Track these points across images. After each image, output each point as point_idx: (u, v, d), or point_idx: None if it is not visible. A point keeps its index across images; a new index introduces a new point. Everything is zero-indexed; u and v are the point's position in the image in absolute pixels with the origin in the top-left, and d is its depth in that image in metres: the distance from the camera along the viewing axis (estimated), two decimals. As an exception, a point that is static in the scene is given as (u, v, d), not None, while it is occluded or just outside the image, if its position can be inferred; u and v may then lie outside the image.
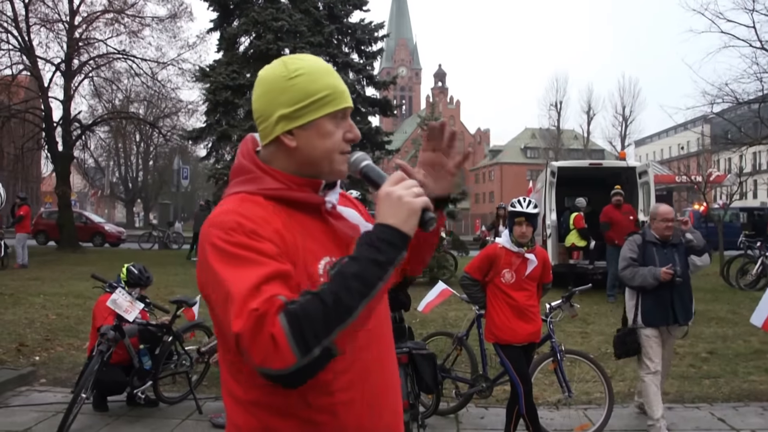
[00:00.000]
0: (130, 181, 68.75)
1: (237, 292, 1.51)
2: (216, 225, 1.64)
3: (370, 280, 1.53)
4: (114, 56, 29.36)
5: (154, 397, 6.64)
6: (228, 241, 1.60)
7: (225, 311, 1.53)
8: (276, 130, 1.77)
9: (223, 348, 1.77)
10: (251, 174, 1.78)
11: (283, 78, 1.77)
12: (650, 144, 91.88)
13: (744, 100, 21.11)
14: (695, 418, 6.58)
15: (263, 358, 1.46)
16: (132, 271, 6.79)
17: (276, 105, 1.76)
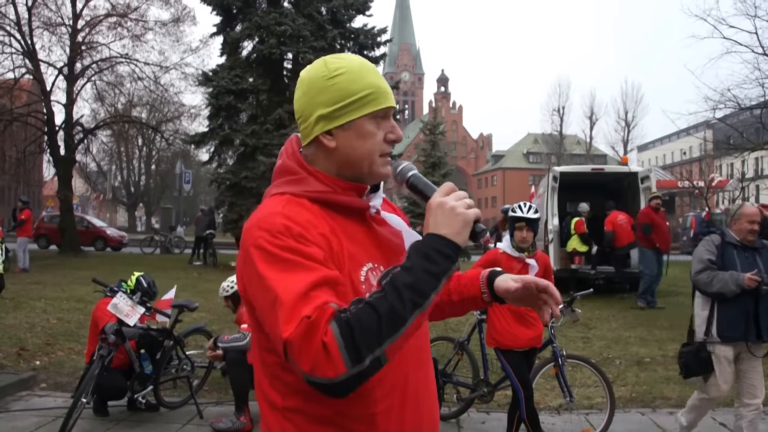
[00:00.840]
0: (132, 186, 68.83)
1: (287, 297, 1.49)
2: (262, 227, 1.62)
3: (425, 291, 1.51)
4: (117, 60, 29.39)
5: (155, 402, 6.63)
6: (275, 245, 1.58)
7: (273, 316, 1.51)
8: (315, 130, 1.76)
9: (263, 351, 1.73)
10: (296, 175, 1.76)
11: (323, 78, 1.75)
12: (653, 149, 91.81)
13: (746, 106, 21.12)
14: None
15: (313, 366, 1.44)
16: (141, 282, 6.76)
17: (315, 105, 1.75)
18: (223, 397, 7.20)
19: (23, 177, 33.85)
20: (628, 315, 12.97)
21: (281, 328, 1.46)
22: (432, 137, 32.22)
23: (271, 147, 21.67)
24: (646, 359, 9.18)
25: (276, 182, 1.79)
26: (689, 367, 5.52)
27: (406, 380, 1.74)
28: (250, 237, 1.62)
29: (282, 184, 1.76)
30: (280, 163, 1.81)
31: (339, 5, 23.88)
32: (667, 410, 6.96)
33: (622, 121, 66.37)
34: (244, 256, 1.63)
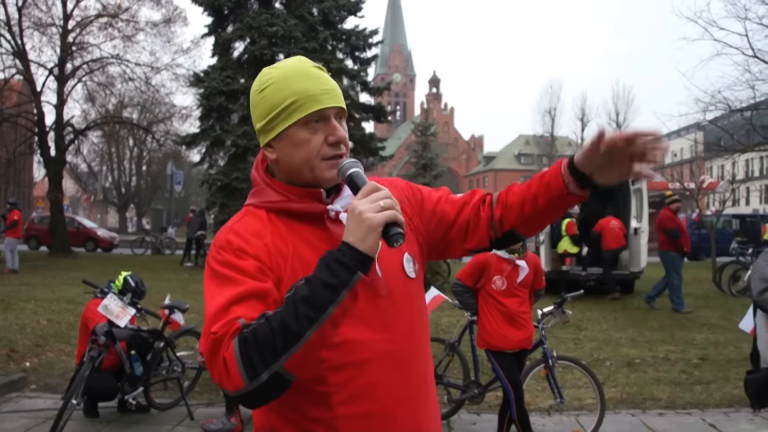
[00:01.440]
0: (123, 186, 68.62)
1: (208, 312, 1.56)
2: (214, 243, 1.71)
3: (320, 304, 1.47)
4: (108, 61, 29.33)
5: (146, 403, 6.61)
6: (217, 260, 1.66)
7: (205, 328, 1.56)
8: (261, 142, 1.80)
9: None
10: (257, 186, 1.83)
11: (255, 92, 1.79)
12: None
13: (736, 108, 21.16)
14: (687, 424, 6.59)
15: (219, 379, 1.50)
16: (129, 282, 6.74)
17: (255, 120, 1.80)
18: (213, 398, 7.19)
19: (13, 178, 33.75)
20: (619, 316, 13.00)
21: (202, 342, 1.55)
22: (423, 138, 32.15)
23: (262, 148, 21.67)
24: (637, 360, 9.21)
25: (251, 192, 1.86)
26: (761, 395, 4.81)
27: (375, 392, 1.70)
28: (210, 253, 1.72)
29: (250, 195, 1.84)
30: (251, 174, 1.88)
31: (331, 6, 23.91)
32: (657, 411, 6.98)
33: (613, 122, 66.62)
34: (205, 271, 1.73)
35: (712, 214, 26.98)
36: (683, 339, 10.71)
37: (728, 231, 28.96)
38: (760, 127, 22.39)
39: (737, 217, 32.64)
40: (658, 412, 6.96)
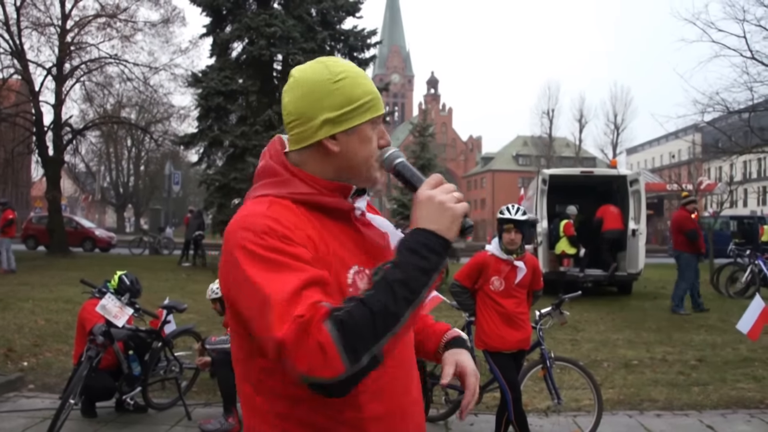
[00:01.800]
0: (121, 186, 68.59)
1: (277, 297, 1.46)
2: (246, 228, 1.59)
3: (416, 287, 1.50)
4: (106, 61, 29.31)
5: (143, 403, 6.61)
6: (261, 245, 1.55)
7: (263, 317, 1.47)
8: (319, 134, 1.72)
9: (246, 356, 1.69)
10: (279, 177, 1.73)
11: (328, 81, 1.72)
12: (642, 152, 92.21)
13: (734, 109, 21.18)
14: (684, 425, 6.60)
15: (310, 366, 1.41)
16: (124, 280, 6.75)
17: (320, 108, 1.71)
18: (211, 398, 7.19)
19: (11, 178, 33.64)
20: (616, 317, 13.02)
21: (274, 329, 1.43)
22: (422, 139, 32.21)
23: (260, 148, 21.49)
24: (634, 362, 9.22)
25: (258, 184, 1.76)
26: None
27: (394, 389, 1.73)
28: (234, 239, 1.59)
29: (265, 186, 1.74)
30: (263, 164, 1.78)
31: (329, 7, 23.89)
32: (654, 413, 6.99)
33: (611, 123, 66.67)
34: (228, 259, 1.59)
35: (709, 216, 26.98)
36: (681, 340, 10.72)
37: (726, 233, 29.03)
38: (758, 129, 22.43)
39: (735, 219, 32.70)
40: (655, 414, 6.96)
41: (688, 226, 13.75)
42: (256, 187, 1.76)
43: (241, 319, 1.59)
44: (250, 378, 1.69)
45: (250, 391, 1.70)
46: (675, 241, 14.05)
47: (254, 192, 1.75)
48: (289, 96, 1.76)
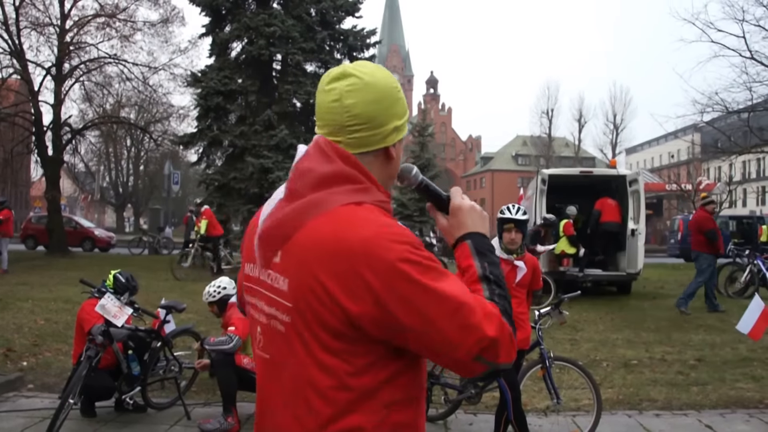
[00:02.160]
0: (121, 186, 68.56)
1: (469, 300, 1.54)
2: (399, 240, 1.55)
3: (503, 281, 1.71)
4: (105, 60, 29.27)
5: (143, 403, 6.61)
6: (422, 256, 1.55)
7: (460, 321, 1.51)
8: (389, 140, 1.73)
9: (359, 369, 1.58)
10: (361, 184, 1.67)
11: (395, 89, 1.75)
12: (641, 152, 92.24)
13: (733, 109, 21.23)
14: (683, 424, 6.61)
15: (508, 355, 1.57)
16: (119, 278, 6.76)
17: (392, 115, 1.73)
18: (210, 398, 7.19)
19: (10, 178, 33.66)
20: (615, 317, 13.02)
21: (484, 328, 1.53)
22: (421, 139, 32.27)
23: (259, 148, 21.66)
24: (633, 361, 9.22)
25: (338, 189, 1.64)
26: None
27: None
28: (390, 251, 1.53)
29: (351, 192, 1.65)
30: (337, 168, 1.66)
31: (328, 7, 23.90)
32: (653, 412, 7.00)
33: (610, 123, 66.71)
34: (390, 274, 1.51)
35: (708, 216, 26.93)
36: (680, 340, 10.73)
37: (725, 232, 28.98)
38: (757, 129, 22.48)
39: (734, 219, 32.70)
40: (654, 413, 6.97)
41: (708, 226, 13.65)
42: (340, 191, 1.64)
43: (412, 330, 1.53)
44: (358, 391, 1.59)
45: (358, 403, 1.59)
46: (694, 242, 13.95)
47: (343, 197, 1.64)
48: (356, 98, 1.69)
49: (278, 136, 21.59)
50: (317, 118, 1.77)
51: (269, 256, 1.67)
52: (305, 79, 23.23)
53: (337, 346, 1.55)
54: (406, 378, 1.64)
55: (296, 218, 1.62)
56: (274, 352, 1.67)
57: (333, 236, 1.55)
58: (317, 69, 24.73)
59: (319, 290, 1.54)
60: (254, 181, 21.50)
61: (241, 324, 6.39)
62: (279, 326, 1.64)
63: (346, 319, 1.52)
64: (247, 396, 7.02)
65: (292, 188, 1.69)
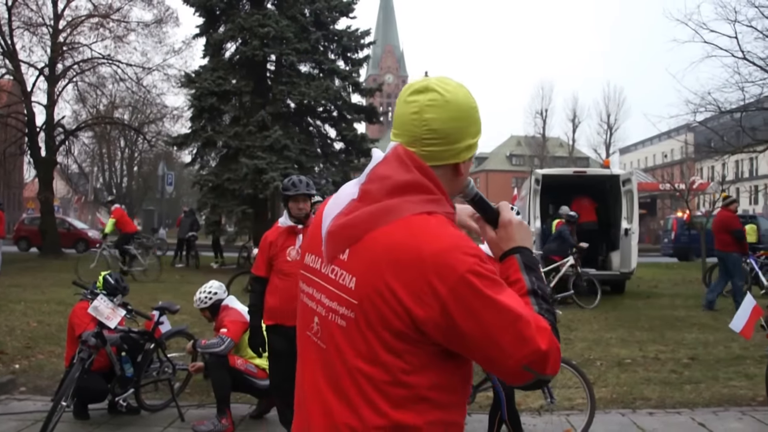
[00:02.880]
0: (115, 187, 68.24)
1: (525, 313, 1.62)
2: (469, 253, 1.62)
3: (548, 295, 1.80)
4: (99, 61, 29.22)
5: (136, 405, 6.60)
6: (488, 269, 1.63)
7: (516, 332, 1.60)
8: (460, 156, 1.80)
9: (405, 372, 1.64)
10: (434, 195, 1.74)
11: (474, 108, 1.82)
12: (635, 152, 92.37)
13: (726, 109, 21.26)
14: (676, 423, 6.62)
15: (554, 367, 1.66)
16: (108, 280, 6.75)
17: (467, 134, 1.80)
18: (204, 399, 7.18)
19: (3, 179, 33.60)
20: (609, 317, 13.04)
21: (538, 341, 1.61)
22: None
23: (253, 149, 21.62)
24: (627, 360, 9.24)
25: (412, 197, 1.71)
26: None
27: None
28: (461, 263, 1.60)
29: (425, 202, 1.71)
30: (414, 178, 1.73)
31: (322, 7, 23.88)
32: (647, 411, 7.01)
33: (604, 123, 66.67)
34: (458, 284, 1.59)
35: (702, 215, 27.01)
36: (673, 339, 10.75)
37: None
38: (750, 129, 22.53)
39: (727, 218, 32.69)
40: (648, 412, 6.98)
41: (735, 225, 13.64)
42: (414, 201, 1.71)
43: (471, 338, 1.61)
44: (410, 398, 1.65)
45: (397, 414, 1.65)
46: (719, 241, 13.85)
47: (416, 206, 1.70)
48: (436, 113, 1.75)
49: (272, 137, 21.54)
50: (395, 126, 1.82)
51: (336, 253, 1.74)
52: (299, 79, 23.21)
53: (398, 346, 1.62)
54: (457, 378, 1.72)
55: (369, 221, 1.69)
56: (331, 343, 1.72)
57: (406, 244, 1.63)
58: (311, 69, 24.73)
59: (387, 293, 1.61)
60: (248, 182, 21.45)
61: (233, 326, 6.38)
62: (340, 320, 1.70)
63: (411, 322, 1.60)
64: (242, 397, 7.02)
65: (368, 190, 1.75)
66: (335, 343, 1.71)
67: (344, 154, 25.14)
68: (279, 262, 5.65)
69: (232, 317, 6.49)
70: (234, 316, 6.53)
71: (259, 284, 5.80)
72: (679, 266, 26.55)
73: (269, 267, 5.75)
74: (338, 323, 1.70)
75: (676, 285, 18.93)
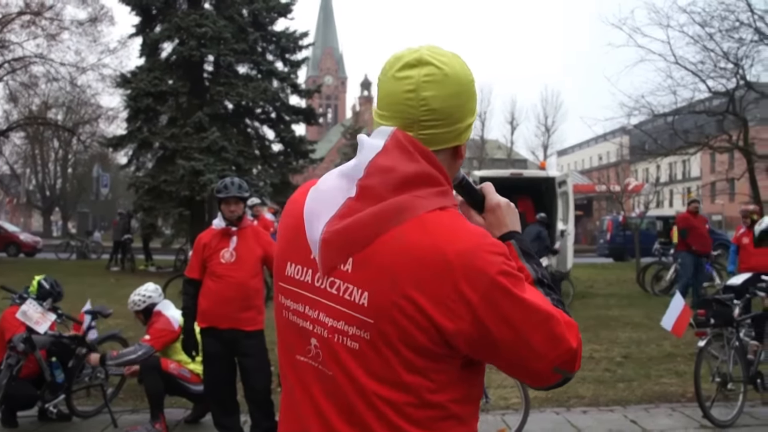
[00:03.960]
0: (48, 189, 66.78)
1: (553, 311, 1.47)
2: (494, 252, 1.45)
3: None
4: (31, 60, 28.64)
5: (67, 411, 6.46)
6: (512, 266, 1.46)
7: (547, 332, 1.45)
8: (464, 137, 1.60)
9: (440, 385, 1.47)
10: (442, 186, 1.53)
11: (473, 82, 1.60)
12: (572, 154, 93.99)
13: (659, 113, 21.78)
14: (609, 420, 6.74)
15: (578, 364, 1.52)
16: (43, 285, 6.59)
17: (468, 111, 1.58)
18: (138, 404, 7.06)
19: (-70, 180, 32.63)
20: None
21: (569, 339, 1.47)
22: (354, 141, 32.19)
23: (190, 150, 21.39)
24: (562, 360, 9.37)
25: (423, 192, 1.50)
26: None
27: None
28: (490, 264, 1.43)
29: (434, 195, 1.51)
30: (421, 168, 1.51)
31: (261, 8, 23.75)
32: (580, 409, 7.13)
33: (542, 126, 67.92)
34: (490, 289, 1.41)
35: (636, 216, 27.61)
36: (608, 338, 10.96)
37: (652, 232, 29.71)
38: (682, 132, 23.12)
39: (661, 219, 33.50)
40: (582, 410, 7.10)
41: (680, 225, 14.38)
42: (424, 194, 1.50)
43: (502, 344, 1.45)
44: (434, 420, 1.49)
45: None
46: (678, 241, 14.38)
47: (429, 201, 1.49)
48: (435, 90, 1.52)
49: (209, 139, 21.34)
50: (382, 108, 1.58)
51: (336, 263, 1.49)
52: (237, 80, 23.06)
53: (422, 364, 1.43)
54: (477, 389, 1.57)
55: (377, 223, 1.45)
56: (339, 368, 1.49)
57: (426, 248, 1.43)
58: (249, 70, 24.57)
59: (409, 307, 1.41)
60: (185, 184, 21.20)
61: (156, 334, 6.27)
62: (350, 342, 1.46)
63: (438, 337, 1.42)
64: (177, 402, 6.93)
65: (369, 186, 1.49)
66: (344, 368, 1.48)
67: (283, 155, 25.03)
68: (212, 264, 5.59)
69: (160, 325, 6.37)
70: (163, 324, 6.39)
71: (193, 287, 5.74)
72: (615, 266, 27.05)
73: (203, 269, 5.70)
74: (348, 345, 1.47)
75: (611, 285, 19.28)
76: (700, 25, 19.73)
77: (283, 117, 24.64)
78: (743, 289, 7.53)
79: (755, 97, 20.29)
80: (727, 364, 6.84)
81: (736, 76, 19.78)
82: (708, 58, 20.21)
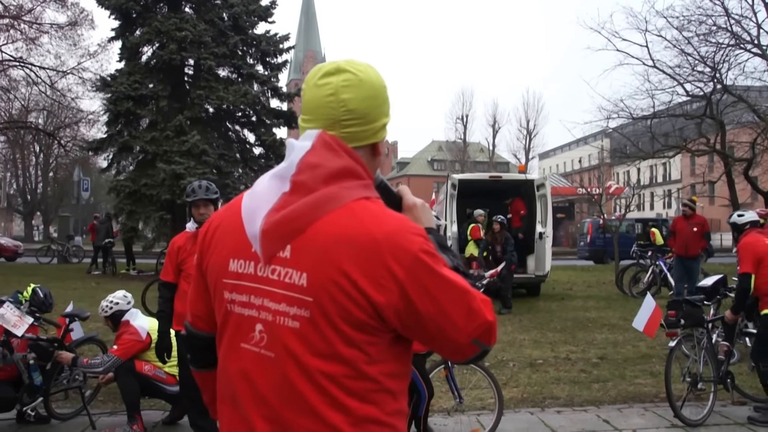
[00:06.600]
0: (29, 193, 66.38)
1: (470, 288, 1.64)
2: (416, 233, 1.64)
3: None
4: (10, 63, 28.50)
5: (46, 414, 6.49)
6: (431, 246, 1.65)
7: (465, 307, 1.62)
8: (378, 135, 1.79)
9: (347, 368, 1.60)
10: (365, 180, 1.72)
11: (385, 87, 1.80)
12: (553, 157, 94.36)
13: (638, 116, 21.92)
14: (582, 420, 6.85)
15: (494, 338, 1.67)
16: (38, 293, 6.62)
17: (383, 112, 1.79)
18: (117, 407, 7.08)
19: None
20: (524, 318, 13.33)
21: (485, 314, 1.63)
22: (336, 144, 32.15)
23: (171, 154, 21.35)
24: (539, 361, 9.49)
25: (349, 183, 1.68)
26: None
27: None
28: (412, 243, 1.61)
29: (359, 187, 1.69)
30: (346, 164, 1.70)
31: (241, 11, 23.75)
32: (555, 409, 7.23)
33: (523, 129, 68.02)
34: (413, 264, 1.59)
35: (616, 219, 27.79)
36: (584, 339, 11.07)
37: (632, 235, 29.94)
38: (661, 135, 23.28)
39: (640, 222, 33.74)
40: (556, 410, 7.20)
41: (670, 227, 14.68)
42: (350, 186, 1.68)
43: (426, 317, 1.61)
44: (370, 393, 1.63)
45: (364, 408, 1.63)
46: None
47: (354, 192, 1.67)
48: (352, 93, 1.73)
49: (190, 142, 21.31)
50: (306, 113, 1.77)
51: (275, 251, 1.64)
52: (217, 84, 23.03)
53: (358, 338, 1.58)
54: (407, 366, 1.74)
55: (310, 212, 1.62)
56: (281, 349, 1.62)
57: (357, 230, 1.59)
58: (230, 74, 24.56)
59: (345, 283, 1.56)
60: (166, 188, 21.16)
61: (124, 345, 6.29)
62: (291, 322, 1.60)
63: (372, 310, 1.57)
64: (156, 403, 6.97)
65: (301, 181, 1.66)
66: (286, 347, 1.61)
67: (263, 159, 25.02)
68: (187, 266, 5.63)
69: (128, 336, 6.37)
70: (131, 334, 6.39)
71: (168, 290, 5.78)
72: (594, 269, 27.24)
73: (178, 272, 5.74)
74: (289, 325, 1.60)
75: (590, 287, 19.43)
76: (678, 29, 19.89)
77: (264, 120, 24.64)
78: (713, 290, 7.65)
79: (732, 101, 20.45)
80: (698, 364, 6.96)
81: (713, 80, 19.93)
82: (685, 62, 20.39)
